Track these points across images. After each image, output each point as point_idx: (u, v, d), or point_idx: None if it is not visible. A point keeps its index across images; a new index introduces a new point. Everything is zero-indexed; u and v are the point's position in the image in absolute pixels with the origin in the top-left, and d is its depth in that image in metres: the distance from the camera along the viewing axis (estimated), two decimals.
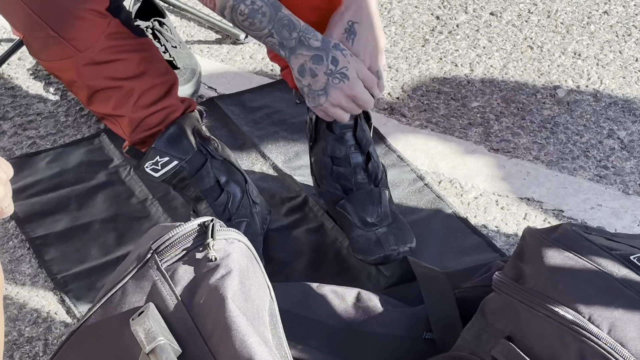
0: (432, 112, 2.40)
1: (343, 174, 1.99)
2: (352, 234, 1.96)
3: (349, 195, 1.99)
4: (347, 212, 1.97)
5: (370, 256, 1.91)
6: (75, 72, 1.82)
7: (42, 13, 1.76)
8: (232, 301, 1.33)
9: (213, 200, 1.94)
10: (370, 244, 1.92)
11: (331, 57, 1.77)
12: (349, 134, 2.00)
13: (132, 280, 1.41)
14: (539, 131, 2.32)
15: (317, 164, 2.04)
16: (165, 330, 1.32)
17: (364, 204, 1.97)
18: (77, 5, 1.77)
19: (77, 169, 2.28)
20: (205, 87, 2.54)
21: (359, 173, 1.99)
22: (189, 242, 1.40)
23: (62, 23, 1.77)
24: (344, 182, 1.99)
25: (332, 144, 2.00)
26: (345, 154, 2.00)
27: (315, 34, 1.77)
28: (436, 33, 2.70)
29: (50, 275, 2.00)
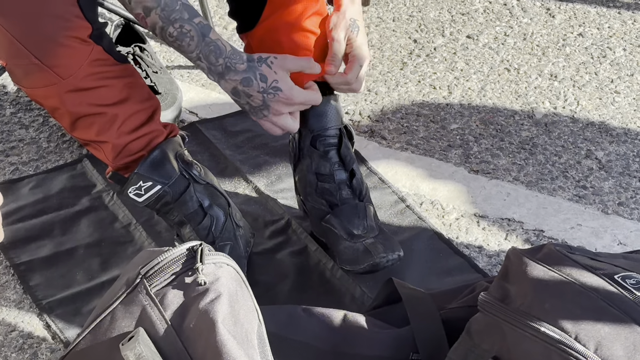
0: (412, 135, 2.41)
1: (328, 189, 2.00)
2: (339, 247, 1.96)
3: (334, 210, 1.99)
4: (333, 226, 1.97)
5: (359, 265, 1.91)
6: (58, 99, 1.82)
7: (24, 40, 1.75)
8: (222, 325, 1.32)
9: (196, 224, 1.94)
10: (358, 254, 1.91)
11: (259, 75, 1.78)
12: (333, 151, 2.00)
13: (122, 305, 1.40)
14: (517, 152, 2.33)
15: (302, 181, 2.05)
16: (156, 354, 1.32)
17: (350, 217, 1.97)
18: (59, 33, 1.77)
19: (60, 195, 2.27)
20: (187, 111, 2.54)
21: (344, 189, 2.00)
22: (178, 266, 1.40)
23: (45, 50, 1.76)
24: (329, 198, 2.00)
25: (316, 161, 2.00)
26: (329, 171, 2.00)
27: (240, 56, 1.78)
28: (414, 56, 2.71)
29: (36, 300, 1.99)
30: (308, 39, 1.95)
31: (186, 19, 1.76)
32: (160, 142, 1.91)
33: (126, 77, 1.89)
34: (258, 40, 1.97)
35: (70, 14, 1.76)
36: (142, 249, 2.07)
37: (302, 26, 1.93)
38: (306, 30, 1.94)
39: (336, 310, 1.72)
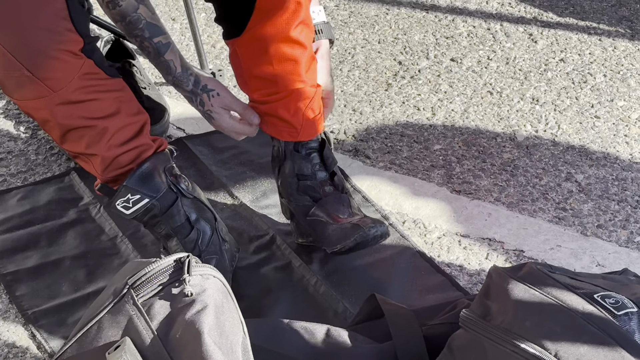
0: (396, 154, 2.41)
1: (310, 186, 2.01)
2: (327, 232, 1.95)
3: (318, 202, 2.00)
4: (319, 216, 1.97)
5: (349, 239, 1.90)
6: (48, 111, 1.81)
7: (16, 53, 1.75)
8: (208, 336, 1.33)
9: (183, 237, 1.93)
10: (347, 231, 1.92)
11: (199, 100, 2.01)
12: (314, 153, 2.02)
13: (108, 315, 1.40)
14: (499, 174, 2.33)
15: (284, 183, 2.06)
16: None
17: (335, 205, 1.99)
18: (51, 46, 1.77)
19: (48, 207, 2.27)
20: (174, 127, 2.54)
21: (326, 185, 2.01)
22: (165, 277, 1.40)
23: (37, 63, 1.76)
24: (312, 193, 2.01)
25: (298, 163, 2.02)
26: (311, 172, 2.02)
27: (188, 79, 1.99)
28: (399, 78, 2.72)
29: (21, 310, 1.98)
30: (294, 49, 1.95)
31: (146, 37, 1.92)
32: (149, 156, 1.91)
33: (117, 91, 1.89)
34: (244, 47, 1.97)
35: (62, 28, 1.76)
36: (128, 261, 2.06)
37: (289, 36, 1.93)
38: (293, 41, 1.94)
39: (320, 325, 1.72)
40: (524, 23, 2.96)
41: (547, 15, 2.99)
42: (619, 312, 1.44)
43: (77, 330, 1.43)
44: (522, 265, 1.56)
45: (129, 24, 1.88)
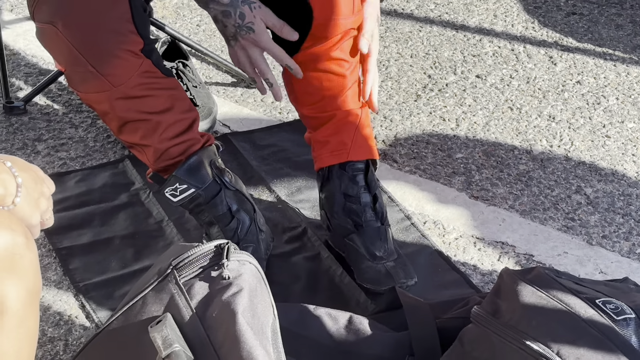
0: (421, 160, 2.41)
1: (355, 210, 1.99)
2: (362, 265, 1.94)
3: (359, 230, 1.98)
4: (357, 245, 1.95)
5: (381, 286, 1.89)
6: (108, 104, 1.83)
7: (83, 50, 1.77)
8: (241, 316, 1.33)
9: (224, 226, 1.94)
10: (380, 276, 1.90)
11: (239, 12, 1.84)
12: (360, 176, 2.00)
13: (153, 292, 1.41)
14: (514, 183, 2.33)
15: (330, 199, 2.03)
16: (180, 338, 1.33)
17: (373, 239, 1.96)
18: (115, 46, 1.78)
19: (102, 190, 2.27)
20: (220, 124, 2.54)
21: (368, 211, 1.99)
22: (206, 261, 1.41)
23: (101, 60, 1.78)
24: (355, 218, 1.98)
25: (345, 183, 2.00)
26: (356, 193, 1.99)
27: None
28: (427, 90, 2.71)
29: (73, 282, 1.99)
30: (341, 66, 1.96)
31: None
32: (197, 150, 1.92)
33: (171, 89, 1.90)
34: (298, 64, 1.98)
35: (126, 30, 1.78)
36: (172, 243, 2.07)
37: (332, 56, 1.95)
38: (338, 59, 1.96)
39: (342, 312, 1.72)
40: (545, 46, 2.95)
41: (567, 40, 2.98)
42: (618, 317, 1.44)
43: (123, 304, 1.44)
44: (531, 268, 1.56)
45: None
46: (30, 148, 2.41)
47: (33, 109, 2.57)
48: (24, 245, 1.20)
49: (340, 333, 1.68)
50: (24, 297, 1.20)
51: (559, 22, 3.08)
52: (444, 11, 3.14)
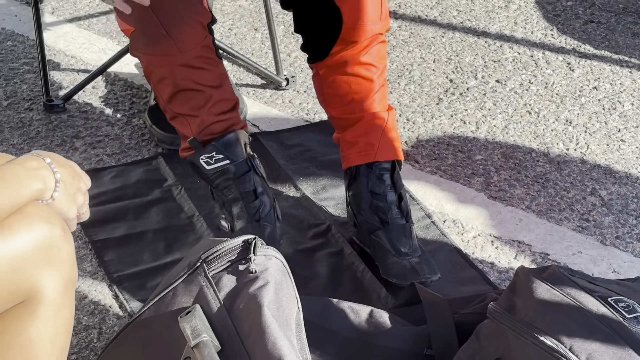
0: (442, 161, 2.41)
1: (381, 207, 1.99)
2: (387, 261, 1.94)
3: (384, 226, 1.98)
4: (383, 241, 1.96)
5: (406, 281, 1.89)
6: (169, 69, 1.84)
7: (159, 12, 1.78)
8: (267, 308, 1.34)
9: (248, 203, 1.92)
10: (406, 271, 1.90)
11: None
12: (387, 175, 2.00)
13: (183, 284, 1.42)
14: (532, 185, 2.32)
15: (357, 196, 2.03)
16: (209, 328, 1.34)
17: (399, 235, 1.96)
18: (188, 15, 1.80)
19: (136, 185, 2.29)
20: (250, 124, 2.55)
21: (394, 209, 1.99)
22: (234, 255, 1.42)
23: (173, 24, 1.79)
24: (382, 215, 1.98)
25: (373, 181, 2.00)
26: (383, 191, 2.00)
27: None
28: (449, 94, 2.71)
29: (108, 273, 2.01)
30: (369, 70, 1.98)
31: None
32: (236, 129, 1.93)
33: (222, 69, 1.93)
34: (326, 68, 1.99)
35: (198, 2, 1.80)
36: (202, 238, 2.08)
37: (361, 61, 1.96)
38: (366, 64, 1.97)
39: (364, 306, 1.73)
40: (563, 53, 2.94)
41: (584, 47, 2.97)
42: (629, 315, 1.44)
43: (155, 295, 1.45)
44: (546, 267, 1.56)
45: None
46: (69, 145, 2.43)
47: (72, 107, 2.59)
48: (61, 238, 1.21)
49: (362, 326, 1.68)
50: (60, 286, 1.22)
51: (577, 30, 3.07)
52: (466, 18, 3.14)
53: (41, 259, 1.18)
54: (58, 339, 1.24)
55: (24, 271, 1.17)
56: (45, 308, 1.20)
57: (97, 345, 1.83)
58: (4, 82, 2.71)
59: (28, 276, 1.17)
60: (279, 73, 2.75)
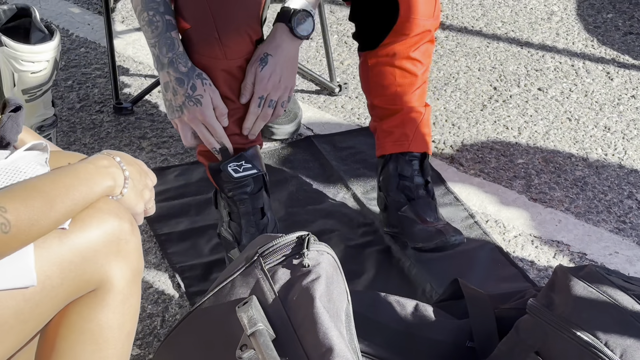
0: (485, 164, 2.40)
1: (408, 186, 1.99)
2: (413, 229, 1.94)
3: (411, 202, 1.98)
4: (409, 214, 1.96)
5: (432, 241, 1.88)
6: (212, 71, 1.82)
7: (217, 15, 1.78)
8: (319, 301, 1.34)
9: (259, 218, 1.91)
10: (432, 234, 1.89)
11: (191, 84, 1.79)
12: (415, 161, 2.01)
13: (240, 276, 1.43)
14: (571, 188, 2.30)
15: (386, 179, 2.03)
16: (264, 318, 1.34)
17: (425, 209, 1.97)
18: (242, 26, 1.80)
19: (198, 183, 2.30)
20: (304, 127, 2.56)
21: (420, 189, 2.00)
22: (289, 250, 1.42)
23: (227, 31, 1.79)
24: (408, 193, 1.99)
25: (402, 165, 2.01)
26: (410, 174, 2.00)
27: (186, 61, 1.79)
28: (493, 101, 2.70)
29: (171, 265, 2.03)
30: (415, 66, 1.98)
31: (160, 12, 1.78)
32: (254, 145, 1.93)
33: None
34: (375, 58, 1.99)
35: (255, 17, 1.81)
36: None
37: (410, 56, 1.96)
38: (414, 59, 1.97)
39: (410, 300, 1.72)
40: (603, 62, 2.91)
41: (623, 57, 2.93)
42: None
43: (214, 286, 1.46)
44: (583, 266, 1.55)
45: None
46: (136, 145, 2.46)
47: (139, 110, 2.62)
48: (130, 231, 1.23)
49: (407, 318, 1.68)
50: (128, 276, 1.24)
51: (616, 41, 3.04)
52: (510, 29, 3.12)
53: (111, 251, 1.20)
54: (125, 326, 1.26)
55: (95, 262, 1.19)
56: (114, 296, 1.22)
57: (160, 332, 1.85)
58: (77, 86, 2.75)
59: (99, 266, 1.19)
60: (332, 80, 2.76)
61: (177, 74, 1.78)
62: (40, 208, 1.10)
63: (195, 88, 1.79)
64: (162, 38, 1.79)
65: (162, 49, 1.79)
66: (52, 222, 1.12)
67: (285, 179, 2.33)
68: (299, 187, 2.31)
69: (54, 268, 1.15)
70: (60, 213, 1.13)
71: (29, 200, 1.09)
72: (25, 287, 1.13)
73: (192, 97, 1.79)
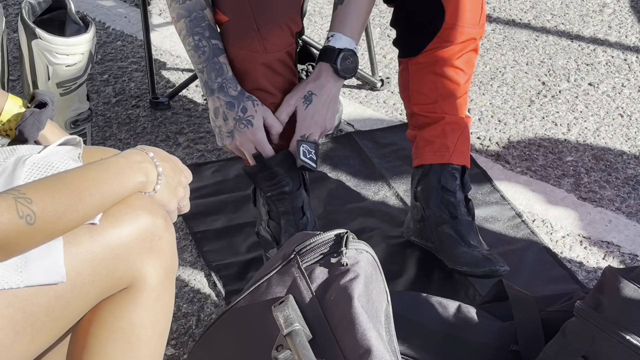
0: (532, 162, 2.38)
1: (452, 202, 1.98)
2: (457, 251, 1.92)
3: (454, 220, 1.97)
4: (452, 233, 1.95)
5: (480, 268, 1.87)
6: (252, 65, 1.82)
7: (256, 9, 1.78)
8: (357, 300, 1.34)
9: (299, 218, 1.91)
10: (478, 260, 1.88)
11: (242, 106, 1.80)
12: (458, 174, 1.99)
13: (277, 275, 1.43)
14: (622, 186, 2.28)
15: (426, 191, 2.01)
16: (301, 318, 1.35)
17: (467, 230, 1.95)
18: (282, 18, 1.80)
19: (236, 180, 2.31)
20: (345, 123, 2.56)
21: (462, 206, 1.98)
22: (326, 248, 1.42)
23: (266, 24, 1.79)
24: (452, 210, 1.97)
25: (446, 177, 1.99)
26: (453, 188, 1.98)
27: (235, 85, 1.80)
28: (541, 96, 2.68)
29: (207, 263, 2.04)
30: (458, 74, 1.96)
31: (206, 36, 1.80)
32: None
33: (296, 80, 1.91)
34: (416, 65, 1.98)
35: (295, 9, 1.81)
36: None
37: (454, 64, 1.95)
38: (457, 67, 1.96)
39: (452, 301, 1.72)
40: None
41: None
42: None
43: (250, 285, 1.47)
44: (634, 267, 1.53)
45: (193, 20, 1.80)
46: (172, 140, 2.48)
47: (176, 104, 2.64)
48: (163, 228, 1.23)
49: (449, 320, 1.68)
50: (162, 274, 1.24)
51: None
52: (560, 22, 3.09)
53: (144, 248, 1.21)
54: (158, 325, 1.26)
55: (128, 259, 1.20)
56: (147, 294, 1.23)
57: (195, 331, 1.87)
58: (113, 80, 2.77)
59: (131, 264, 1.20)
60: (374, 74, 2.75)
61: (228, 97, 1.80)
62: (67, 200, 1.10)
63: (246, 110, 1.80)
64: (209, 64, 1.80)
65: (210, 74, 1.80)
66: (80, 215, 1.13)
67: (325, 176, 2.33)
68: (338, 184, 2.31)
69: (85, 265, 1.15)
70: (89, 206, 1.14)
71: (56, 192, 1.10)
72: (55, 283, 1.14)
73: (243, 120, 1.80)
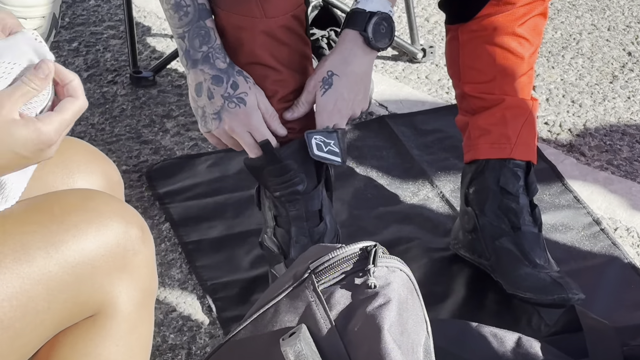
0: (614, 154, 2.37)
1: (514, 209, 1.96)
2: (518, 272, 1.91)
3: (516, 232, 1.95)
4: (513, 249, 1.93)
5: (548, 295, 1.85)
6: (250, 33, 1.79)
7: None
8: (388, 332, 1.33)
9: (313, 226, 1.87)
10: (546, 284, 1.86)
11: (232, 81, 1.76)
12: (520, 172, 1.97)
13: (287, 299, 1.42)
14: None
15: (481, 194, 2.00)
16: (316, 354, 1.34)
17: (533, 245, 1.93)
18: None
19: (238, 176, 2.30)
20: (377, 104, 2.55)
21: (526, 214, 1.96)
22: (349, 265, 1.41)
23: None
24: (513, 219, 1.95)
25: (506, 177, 1.97)
26: (516, 191, 1.96)
27: (224, 56, 1.77)
28: (626, 70, 2.66)
29: (200, 281, 2.04)
30: (522, 45, 1.94)
31: None
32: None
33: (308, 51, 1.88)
34: (469, 34, 1.96)
35: None
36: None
37: (516, 31, 1.93)
38: (520, 36, 1.94)
39: (510, 332, 1.71)
40: None
41: None
42: None
43: (253, 311, 1.46)
44: None
45: None
46: (158, 126, 2.48)
47: (163, 80, 2.64)
48: (139, 240, 1.22)
49: (507, 356, 1.67)
50: (137, 298, 1.23)
51: None
52: None
53: (114, 266, 1.20)
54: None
55: (93, 280, 1.19)
56: (117, 324, 1.22)
57: None
58: (84, 49, 2.77)
59: (98, 286, 1.19)
60: (414, 42, 2.74)
61: (214, 70, 1.76)
62: None
63: (237, 86, 1.77)
64: (193, 28, 1.77)
65: (193, 41, 1.77)
66: None
67: (351, 171, 2.33)
68: (367, 182, 2.31)
69: (39, 288, 1.14)
70: None
71: None
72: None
73: (234, 97, 1.77)
